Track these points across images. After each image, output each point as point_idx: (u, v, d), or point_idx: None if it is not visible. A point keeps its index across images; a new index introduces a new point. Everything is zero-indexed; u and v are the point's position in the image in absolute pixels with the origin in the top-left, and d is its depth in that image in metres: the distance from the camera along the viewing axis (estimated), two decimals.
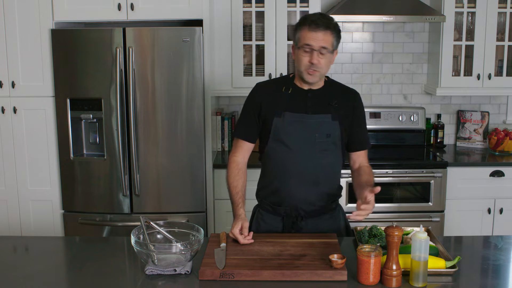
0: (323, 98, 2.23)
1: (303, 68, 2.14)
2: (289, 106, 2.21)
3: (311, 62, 2.11)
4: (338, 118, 2.22)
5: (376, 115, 3.99)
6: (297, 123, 2.20)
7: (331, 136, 2.21)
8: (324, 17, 2.14)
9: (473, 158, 3.77)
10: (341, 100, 2.25)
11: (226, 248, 2.03)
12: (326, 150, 2.22)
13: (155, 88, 3.33)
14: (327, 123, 2.20)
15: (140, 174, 3.40)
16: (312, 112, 2.20)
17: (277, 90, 2.25)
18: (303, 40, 2.12)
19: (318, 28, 2.09)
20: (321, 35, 2.10)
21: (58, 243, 2.38)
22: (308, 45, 2.10)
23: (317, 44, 2.10)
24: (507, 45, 3.73)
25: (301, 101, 2.22)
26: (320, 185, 2.25)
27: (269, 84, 2.37)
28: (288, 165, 2.22)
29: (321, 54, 2.11)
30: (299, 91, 2.23)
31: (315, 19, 2.12)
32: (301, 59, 2.14)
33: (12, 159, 3.49)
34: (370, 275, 1.79)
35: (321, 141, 2.20)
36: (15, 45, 3.38)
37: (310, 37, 2.10)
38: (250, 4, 3.66)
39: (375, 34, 4.03)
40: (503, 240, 2.22)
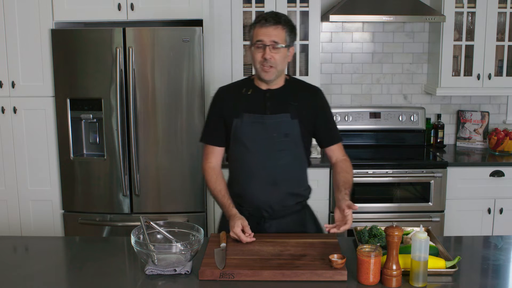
0: (282, 97, 2.23)
1: (258, 65, 2.15)
2: (248, 107, 2.21)
3: (264, 58, 2.12)
4: (298, 116, 2.22)
5: (376, 115, 3.99)
6: (255, 124, 2.20)
7: (289, 135, 2.21)
8: (276, 14, 2.17)
9: (473, 158, 3.77)
10: (302, 98, 2.25)
11: (226, 248, 2.03)
12: (285, 150, 2.21)
13: (155, 88, 3.33)
14: (286, 122, 2.20)
15: (140, 174, 3.40)
16: (271, 112, 2.20)
17: (237, 92, 2.26)
18: (255, 37, 2.15)
19: (268, 23, 2.12)
20: (271, 30, 2.12)
21: (58, 243, 2.38)
22: (259, 41, 2.13)
23: (268, 39, 2.11)
24: (507, 45, 3.72)
25: (260, 102, 2.22)
26: (280, 186, 2.23)
27: (230, 87, 2.35)
28: (248, 166, 2.22)
29: (274, 49, 2.12)
30: (258, 91, 2.24)
31: (266, 15, 2.16)
32: (255, 56, 2.15)
33: (12, 159, 3.49)
34: (370, 275, 1.79)
35: (279, 141, 2.20)
36: (15, 45, 3.38)
37: (261, 33, 2.13)
38: (250, 4, 3.66)
39: (375, 34, 4.03)
40: (503, 240, 2.22)
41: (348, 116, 3.97)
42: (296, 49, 3.72)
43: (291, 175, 2.27)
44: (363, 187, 3.53)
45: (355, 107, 4.04)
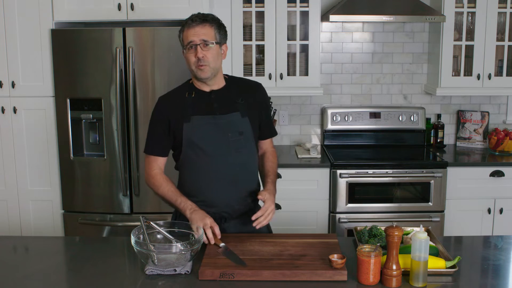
0: (228, 97, 2.24)
1: (193, 65, 2.16)
2: (196, 110, 2.20)
3: (197, 57, 2.13)
4: (247, 114, 2.23)
5: (376, 115, 3.99)
6: (207, 125, 2.19)
7: (244, 133, 2.22)
8: (202, 14, 2.19)
9: (473, 158, 3.77)
10: (245, 95, 2.26)
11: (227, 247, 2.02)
12: (240, 148, 2.22)
13: (155, 88, 3.33)
14: (238, 121, 2.21)
15: (140, 174, 3.40)
16: (221, 113, 2.20)
17: (180, 98, 2.24)
18: (186, 40, 2.16)
19: (194, 23, 2.14)
20: (199, 29, 2.14)
21: (58, 243, 2.38)
22: (190, 42, 2.14)
23: (198, 38, 2.13)
24: (507, 45, 3.72)
25: (207, 103, 2.21)
26: (239, 185, 2.24)
27: (170, 94, 2.31)
28: (206, 168, 2.20)
29: (205, 47, 2.13)
30: (202, 93, 2.23)
31: (192, 17, 2.18)
32: (189, 58, 2.16)
33: (12, 159, 3.49)
34: (370, 275, 1.79)
35: (234, 140, 2.20)
36: (15, 45, 3.38)
37: (190, 34, 2.14)
38: (250, 4, 3.66)
39: (375, 34, 4.03)
40: (503, 240, 2.22)
41: (348, 116, 3.97)
42: (296, 49, 3.73)
43: (248, 173, 2.28)
44: (363, 187, 3.53)
45: (355, 107, 4.04)
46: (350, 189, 3.51)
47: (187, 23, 2.17)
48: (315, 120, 4.11)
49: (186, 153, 2.22)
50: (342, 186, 3.49)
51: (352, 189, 3.51)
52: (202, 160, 2.20)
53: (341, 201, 3.52)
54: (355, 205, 3.53)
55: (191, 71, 2.21)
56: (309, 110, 4.09)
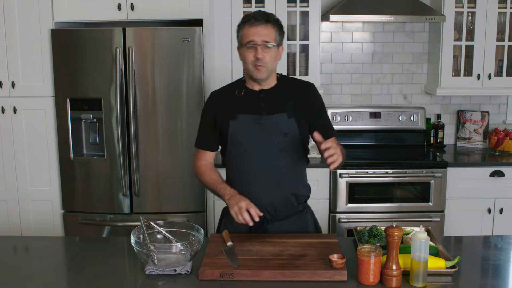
0: (277, 97, 2.21)
1: (250, 65, 2.13)
2: (243, 108, 2.19)
3: (256, 57, 2.10)
4: (294, 115, 2.19)
5: (376, 115, 3.99)
6: (253, 124, 2.17)
7: (288, 135, 2.18)
8: (264, 13, 2.15)
9: (473, 158, 3.77)
10: (296, 96, 2.22)
11: (233, 246, 2.02)
12: (285, 150, 2.19)
13: (155, 88, 3.33)
14: (284, 122, 2.18)
15: (140, 174, 3.40)
16: (267, 113, 2.18)
17: (230, 95, 2.24)
18: (246, 38, 2.12)
19: (258, 22, 2.10)
20: (262, 29, 2.10)
21: (58, 243, 2.38)
22: (250, 41, 2.10)
23: (259, 39, 2.09)
24: (507, 45, 3.72)
25: (254, 102, 2.20)
26: (283, 186, 2.21)
27: (222, 90, 2.31)
28: (248, 168, 2.19)
29: (265, 48, 2.10)
30: (252, 92, 2.22)
31: (254, 15, 2.13)
32: (247, 56, 2.13)
33: (12, 159, 3.49)
34: (370, 275, 1.79)
35: (278, 141, 2.17)
36: (15, 45, 3.38)
37: (252, 32, 2.10)
38: (250, 4, 3.66)
39: (375, 34, 4.03)
40: (503, 240, 2.22)
41: (348, 116, 3.97)
42: (296, 49, 3.73)
43: (293, 175, 2.25)
44: (363, 187, 3.53)
45: (355, 107, 4.04)
46: (350, 189, 3.51)
47: (249, 21, 2.12)
48: None
49: (230, 150, 2.22)
50: (342, 186, 3.49)
51: (352, 189, 3.51)
52: (245, 159, 2.20)
53: (341, 201, 3.52)
54: (355, 205, 3.53)
55: (247, 70, 2.17)
56: None
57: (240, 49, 2.17)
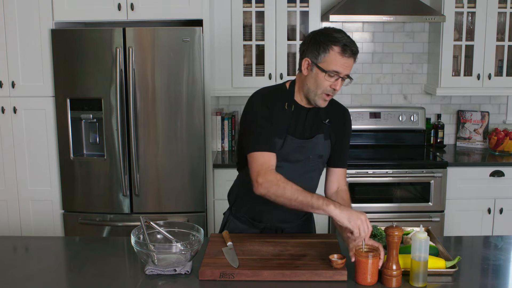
0: (316, 116, 2.12)
1: (320, 92, 1.99)
2: (291, 128, 2.07)
3: (334, 88, 1.97)
4: (330, 137, 2.15)
5: (376, 115, 3.99)
6: (296, 148, 2.08)
7: (323, 157, 2.16)
8: (353, 41, 1.97)
9: (473, 158, 3.77)
10: (332, 116, 2.15)
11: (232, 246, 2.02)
12: (315, 170, 2.17)
13: (155, 88, 3.33)
14: (320, 144, 2.12)
15: (140, 174, 3.40)
16: (309, 134, 2.09)
17: (280, 106, 2.06)
18: (331, 65, 1.94)
19: (351, 55, 1.95)
20: (351, 62, 1.97)
21: (58, 243, 2.38)
22: (337, 72, 1.95)
23: (345, 72, 1.96)
24: (507, 45, 3.72)
25: (301, 122, 2.09)
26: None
27: (272, 96, 2.09)
28: None
29: (342, 80, 1.99)
30: (300, 109, 2.09)
31: (349, 43, 1.93)
32: (323, 83, 1.97)
33: (12, 159, 3.49)
34: (367, 275, 1.79)
35: (313, 163, 2.14)
36: (15, 45, 3.38)
37: (343, 64, 1.94)
38: (250, 4, 3.66)
39: (375, 34, 4.03)
40: (503, 240, 2.22)
41: None
42: (296, 49, 3.72)
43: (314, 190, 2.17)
44: (363, 187, 3.53)
45: (355, 107, 4.04)
46: (350, 189, 3.46)
47: (343, 50, 1.92)
48: None
49: None
50: None
51: (352, 189, 3.51)
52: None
53: None
54: (355, 205, 3.50)
55: (312, 93, 2.01)
56: None
57: (317, 70, 1.97)
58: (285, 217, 2.19)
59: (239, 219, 2.26)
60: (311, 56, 1.98)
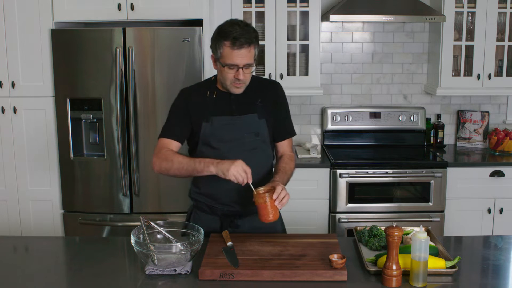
0: (246, 98, 2.22)
1: (229, 82, 2.12)
2: (215, 110, 2.20)
3: (237, 78, 2.09)
4: (265, 116, 2.23)
5: (376, 115, 3.99)
6: (226, 125, 2.19)
7: (259, 134, 2.22)
8: (246, 31, 2.06)
9: (473, 158, 3.77)
10: (263, 95, 2.25)
11: (232, 246, 2.02)
12: (256, 149, 2.22)
13: (155, 88, 3.33)
14: (255, 122, 2.21)
15: (140, 174, 3.40)
16: (238, 114, 2.20)
17: (202, 95, 2.23)
18: (227, 59, 2.06)
19: (242, 46, 2.04)
20: (245, 52, 2.06)
21: (58, 243, 2.38)
22: (233, 64, 2.06)
23: (243, 62, 2.06)
24: (507, 45, 3.72)
25: (226, 104, 2.21)
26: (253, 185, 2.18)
27: (193, 89, 2.29)
28: None
29: (246, 69, 2.09)
30: (222, 94, 2.22)
31: (238, 36, 2.03)
32: (226, 76, 2.11)
33: (12, 159, 3.49)
34: (269, 214, 1.98)
35: (250, 141, 2.20)
36: (15, 45, 3.38)
37: (234, 56, 2.05)
38: (250, 4, 3.66)
39: (375, 34, 4.03)
40: (503, 240, 2.22)
41: (348, 116, 3.97)
42: (296, 49, 3.73)
43: (263, 173, 2.26)
44: (363, 187, 3.53)
45: (355, 107, 4.04)
46: (350, 189, 3.51)
47: (233, 43, 2.04)
48: (315, 120, 4.11)
49: (200, 150, 2.23)
50: (342, 186, 3.49)
51: (352, 189, 3.51)
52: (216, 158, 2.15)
53: (341, 201, 3.52)
54: (355, 205, 3.53)
55: (224, 84, 2.17)
56: (309, 110, 4.09)
57: (218, 63, 2.13)
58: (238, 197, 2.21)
59: (200, 209, 2.31)
60: (213, 52, 2.14)
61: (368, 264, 1.92)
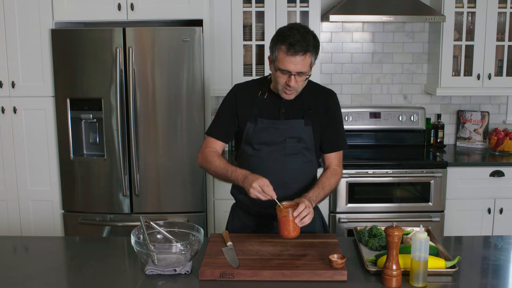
0: (297, 103, 2.19)
1: (280, 87, 2.10)
2: (263, 112, 2.19)
3: (288, 84, 2.06)
4: (312, 123, 2.19)
5: (376, 115, 3.99)
6: (268, 128, 2.18)
7: (302, 140, 2.18)
8: (304, 38, 2.01)
9: (473, 158, 3.77)
10: (315, 103, 2.21)
11: (232, 246, 2.02)
12: (296, 154, 2.19)
13: (155, 88, 3.33)
14: (299, 128, 2.18)
15: (140, 174, 3.40)
16: (285, 118, 2.18)
17: (254, 94, 2.22)
18: (280, 64, 2.04)
19: (296, 53, 2.00)
20: (299, 60, 2.01)
21: (58, 243, 2.38)
22: (285, 70, 2.03)
23: (296, 69, 2.03)
24: (507, 45, 3.72)
25: (275, 107, 2.19)
26: (289, 189, 2.19)
27: (247, 86, 2.27)
28: (258, 168, 2.15)
29: (299, 76, 2.05)
30: (274, 96, 2.19)
31: (294, 41, 1.99)
32: (278, 80, 2.08)
33: (12, 159, 3.49)
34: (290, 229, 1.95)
35: (291, 146, 2.17)
36: (15, 45, 3.38)
37: (288, 62, 2.02)
38: (250, 4, 3.66)
39: (375, 34, 4.03)
40: (503, 240, 2.22)
41: (348, 116, 3.97)
42: None
43: (302, 179, 2.24)
44: (363, 187, 3.53)
45: (355, 107, 4.04)
46: (350, 189, 3.51)
47: (288, 49, 1.99)
48: None
49: (243, 148, 2.24)
50: (342, 186, 3.50)
51: (352, 189, 3.51)
52: (255, 160, 2.20)
53: (341, 201, 3.52)
54: (355, 205, 3.54)
55: (275, 87, 2.13)
56: None
57: (273, 66, 2.10)
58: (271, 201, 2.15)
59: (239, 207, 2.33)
60: (271, 54, 2.11)
61: (368, 264, 1.92)
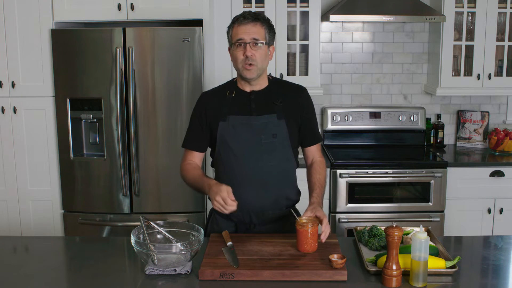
0: (267, 98, 2.20)
1: (240, 64, 2.12)
2: (233, 109, 2.18)
3: (246, 55, 2.09)
4: (285, 117, 2.18)
5: (376, 115, 3.99)
6: (242, 125, 2.16)
7: (277, 136, 2.17)
8: (254, 12, 2.17)
9: (473, 158, 3.77)
10: (286, 98, 2.21)
11: (232, 246, 2.02)
12: (274, 151, 2.17)
13: (155, 88, 3.33)
14: (273, 123, 2.17)
15: (140, 174, 3.40)
16: (257, 114, 2.17)
17: (221, 96, 2.23)
18: (235, 36, 2.12)
19: (246, 20, 2.11)
20: (250, 26, 2.10)
21: (58, 243, 2.38)
22: (239, 39, 2.10)
23: (248, 37, 2.09)
24: (507, 45, 3.73)
25: (245, 103, 2.19)
26: (270, 188, 2.19)
27: (213, 91, 2.31)
28: (235, 170, 2.17)
29: (254, 46, 2.10)
30: (242, 93, 2.21)
31: (244, 14, 2.14)
32: (236, 56, 2.12)
33: (12, 159, 3.49)
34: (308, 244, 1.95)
35: (267, 142, 2.16)
36: (15, 45, 3.38)
37: (241, 31, 2.10)
38: (250, 4, 3.66)
39: (375, 34, 4.03)
40: (503, 240, 2.22)
41: (348, 116, 3.97)
42: (296, 49, 3.73)
43: (281, 177, 2.22)
44: (363, 187, 3.53)
45: (355, 107, 4.04)
46: (350, 189, 3.51)
47: (238, 20, 2.13)
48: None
49: (218, 152, 2.22)
50: (342, 186, 3.50)
51: (352, 189, 3.51)
52: (232, 161, 2.18)
53: (341, 201, 3.52)
54: (355, 205, 3.53)
55: (237, 70, 2.18)
56: None
57: (231, 49, 2.16)
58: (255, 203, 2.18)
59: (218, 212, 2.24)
60: (228, 41, 2.19)
61: (368, 264, 1.92)
